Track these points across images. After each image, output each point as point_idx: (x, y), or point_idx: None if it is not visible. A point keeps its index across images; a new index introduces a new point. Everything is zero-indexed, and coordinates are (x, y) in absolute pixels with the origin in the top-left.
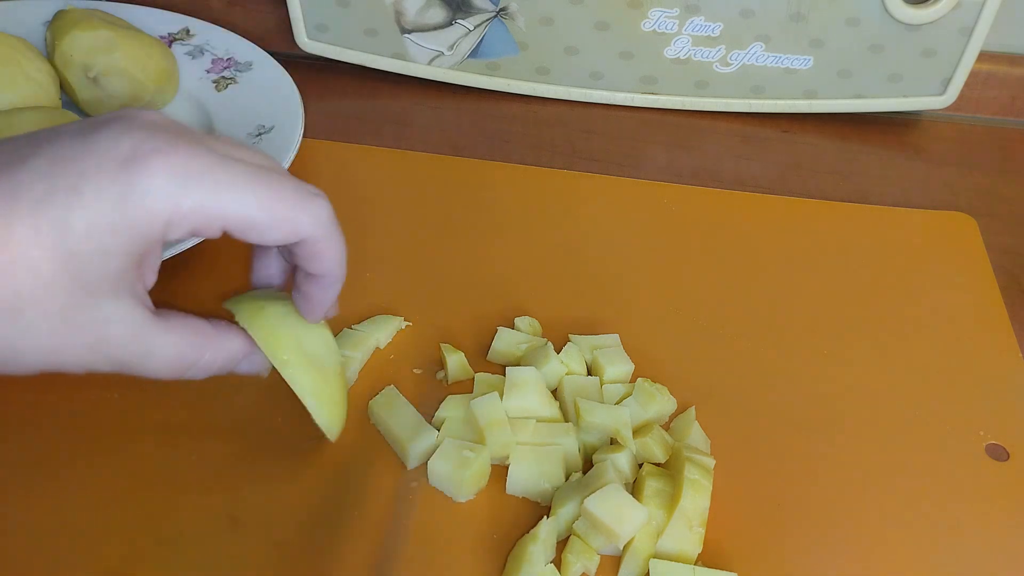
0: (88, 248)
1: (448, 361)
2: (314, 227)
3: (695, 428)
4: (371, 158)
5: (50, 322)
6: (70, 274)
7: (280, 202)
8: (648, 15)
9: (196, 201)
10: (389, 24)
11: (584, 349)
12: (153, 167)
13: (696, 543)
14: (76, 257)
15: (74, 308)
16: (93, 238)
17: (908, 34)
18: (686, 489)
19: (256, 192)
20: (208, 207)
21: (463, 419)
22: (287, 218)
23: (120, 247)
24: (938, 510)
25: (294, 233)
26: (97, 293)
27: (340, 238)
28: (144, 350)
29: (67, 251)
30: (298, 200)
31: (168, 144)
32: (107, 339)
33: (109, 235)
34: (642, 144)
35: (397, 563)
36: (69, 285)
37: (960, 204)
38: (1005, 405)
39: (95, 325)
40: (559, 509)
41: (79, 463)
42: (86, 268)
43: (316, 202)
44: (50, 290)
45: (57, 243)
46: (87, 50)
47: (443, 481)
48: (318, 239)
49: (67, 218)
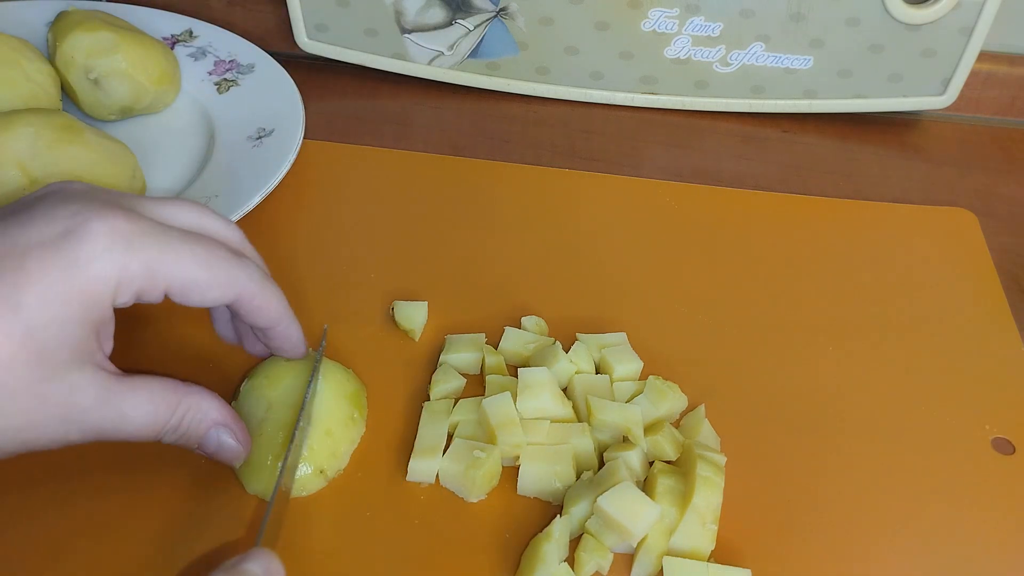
0: (43, 322)
1: (487, 362)
2: (250, 281)
3: (705, 425)
4: (371, 158)
5: (18, 401)
6: (29, 350)
7: (217, 261)
8: (648, 15)
9: (142, 262)
10: (389, 24)
11: (592, 348)
12: (94, 233)
13: (709, 540)
14: (32, 332)
15: (39, 383)
16: (46, 311)
17: (908, 34)
18: (698, 486)
19: (195, 252)
20: (153, 268)
21: (475, 421)
22: (225, 276)
23: (74, 316)
24: (946, 504)
25: (231, 290)
26: (59, 365)
27: (275, 289)
28: (116, 414)
29: (23, 328)
30: (231, 260)
31: (105, 209)
32: (77, 408)
33: (61, 305)
34: (642, 144)
35: (409, 564)
36: (31, 360)
37: (960, 204)
38: (1010, 399)
39: (63, 396)
40: (572, 508)
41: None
42: (44, 341)
43: (245, 261)
44: (13, 370)
45: (12, 322)
46: (88, 52)
47: (454, 482)
48: (254, 294)
49: (17, 296)
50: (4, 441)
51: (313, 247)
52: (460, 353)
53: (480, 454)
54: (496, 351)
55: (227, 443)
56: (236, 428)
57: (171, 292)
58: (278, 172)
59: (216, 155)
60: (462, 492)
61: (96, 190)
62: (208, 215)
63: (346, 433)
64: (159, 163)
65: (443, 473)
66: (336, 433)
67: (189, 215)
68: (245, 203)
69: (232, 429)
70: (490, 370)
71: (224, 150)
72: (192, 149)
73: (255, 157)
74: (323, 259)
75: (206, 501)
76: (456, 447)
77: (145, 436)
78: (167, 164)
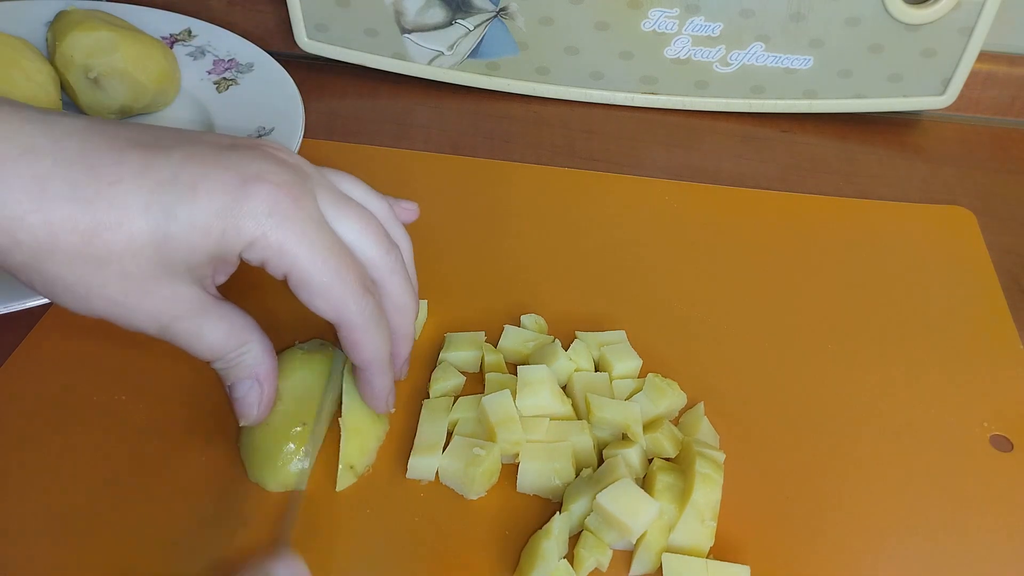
0: (181, 237)
1: (486, 359)
2: (356, 316)
3: (704, 423)
4: (371, 157)
5: (125, 282)
6: (158, 252)
7: (340, 280)
8: (648, 15)
9: (279, 239)
10: (389, 24)
11: (591, 346)
12: (260, 196)
13: (708, 537)
14: (168, 241)
15: (150, 279)
16: (188, 232)
17: (908, 34)
18: (697, 483)
19: (328, 261)
20: (286, 249)
21: (475, 419)
22: (338, 297)
23: (205, 248)
24: (944, 500)
25: (335, 312)
26: (173, 274)
27: (380, 335)
28: (196, 329)
29: (163, 233)
30: (355, 288)
31: (283, 177)
32: (169, 313)
33: (201, 235)
34: (642, 144)
35: (409, 561)
36: (153, 259)
37: (960, 204)
38: (1008, 396)
39: (161, 298)
40: (571, 505)
41: (86, 464)
42: (172, 252)
43: (369, 299)
44: (137, 258)
45: (159, 224)
46: (88, 51)
47: (453, 479)
48: (355, 327)
49: (175, 207)
50: (96, 304)
51: None
52: (459, 351)
53: (480, 451)
54: (495, 349)
55: (250, 399)
56: (266, 394)
57: (289, 279)
58: None
59: None
60: (462, 489)
61: (298, 162)
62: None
63: (373, 430)
64: None
65: (443, 470)
66: (364, 430)
67: (352, 224)
68: None
69: (263, 392)
70: (489, 368)
71: None
72: None
73: None
74: None
75: (216, 492)
76: (456, 445)
77: (205, 356)
78: None
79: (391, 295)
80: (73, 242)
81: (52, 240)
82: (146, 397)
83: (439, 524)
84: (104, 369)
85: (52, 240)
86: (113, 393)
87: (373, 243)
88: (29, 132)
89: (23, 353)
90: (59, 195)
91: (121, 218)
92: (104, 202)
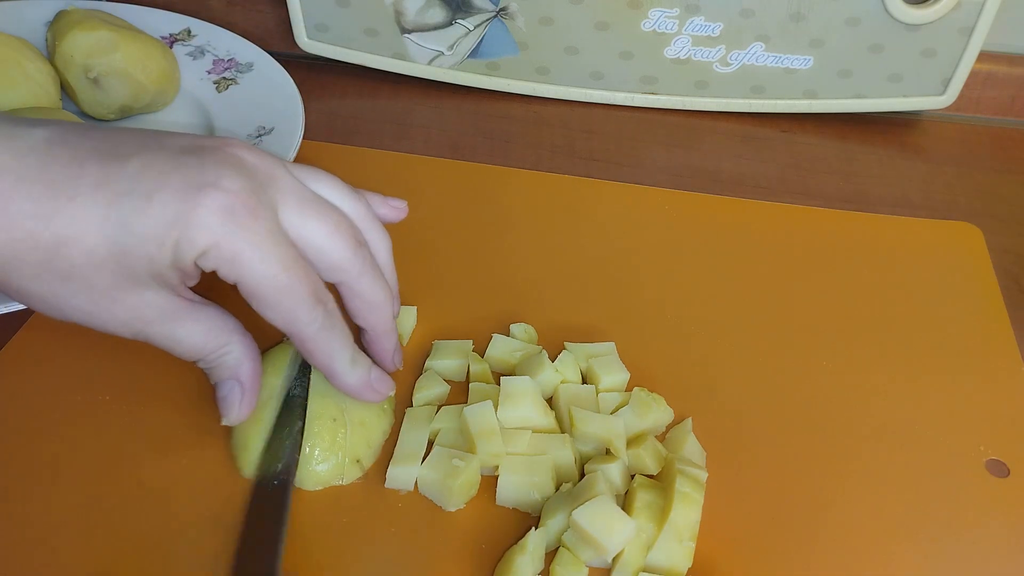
0: (136, 249)
1: (472, 369)
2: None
3: (691, 439)
4: (369, 161)
5: (91, 294)
6: (118, 264)
7: (289, 292)
8: (648, 15)
9: (231, 249)
10: (389, 24)
11: (579, 357)
12: (214, 204)
13: (686, 557)
14: (126, 253)
15: (115, 289)
16: (143, 243)
17: (908, 34)
18: (676, 502)
19: (278, 275)
20: (236, 260)
21: (456, 429)
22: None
23: (162, 258)
24: (937, 527)
25: (284, 323)
26: (138, 283)
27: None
28: (170, 332)
29: (120, 246)
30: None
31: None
32: (140, 319)
33: (156, 246)
34: (642, 144)
35: (383, 571)
36: (115, 270)
37: (960, 204)
38: (1006, 420)
39: (130, 306)
40: (548, 520)
41: (70, 465)
42: (132, 263)
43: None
44: (99, 270)
45: (114, 237)
46: (88, 51)
47: (432, 490)
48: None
49: (130, 219)
50: (71, 315)
51: None
52: (446, 359)
53: (459, 463)
54: (482, 358)
55: (232, 400)
56: (248, 396)
57: (240, 288)
58: None
59: None
60: (440, 501)
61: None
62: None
63: (379, 424)
64: None
65: (422, 481)
66: (370, 424)
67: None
68: None
69: (244, 391)
70: (475, 377)
71: None
72: None
73: None
74: None
75: (200, 492)
76: (436, 455)
77: (185, 357)
78: None
79: (361, 295)
80: (37, 258)
81: (17, 257)
82: (130, 397)
83: (416, 535)
84: (88, 370)
85: (17, 257)
86: (96, 393)
87: (340, 245)
88: None
89: (8, 354)
90: (21, 213)
91: (80, 233)
92: (64, 218)
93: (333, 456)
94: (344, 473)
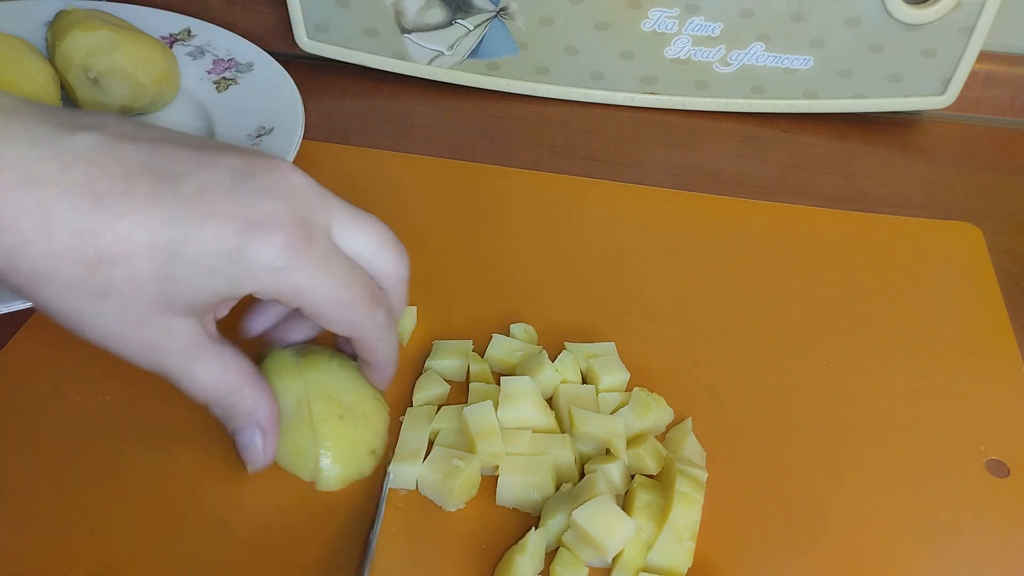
0: (185, 277)
1: (472, 369)
2: (373, 330)
3: (691, 439)
4: (369, 161)
5: (122, 314)
6: (160, 289)
7: (354, 307)
8: (648, 15)
9: (292, 284)
10: (389, 24)
11: (579, 357)
12: (273, 241)
13: (686, 557)
14: (172, 279)
15: (149, 313)
16: (193, 272)
17: (908, 34)
18: (676, 502)
19: (341, 292)
20: (296, 292)
21: (456, 429)
22: (352, 322)
23: (211, 288)
24: (937, 527)
25: (351, 332)
26: (173, 311)
27: (392, 337)
28: (187, 368)
29: (167, 271)
30: (368, 307)
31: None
32: (161, 347)
33: (207, 275)
34: (642, 144)
35: (383, 571)
36: (154, 295)
37: (960, 204)
38: (1006, 421)
39: (156, 331)
40: (548, 520)
41: (70, 465)
42: (176, 290)
43: (379, 311)
44: (137, 293)
45: (164, 261)
46: (88, 51)
47: (432, 490)
48: (371, 339)
49: (183, 245)
50: (90, 333)
51: None
52: (446, 359)
53: (459, 463)
54: (482, 358)
55: (255, 447)
56: (270, 440)
57: (304, 311)
58: None
59: None
60: (440, 501)
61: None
62: (388, 246)
63: (379, 413)
64: None
65: (422, 481)
66: (372, 415)
67: (369, 240)
68: None
69: (268, 437)
70: (475, 377)
71: None
72: None
73: None
74: None
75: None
76: (436, 455)
77: (196, 398)
78: None
79: (394, 300)
80: (74, 273)
81: (52, 270)
82: (130, 397)
83: (415, 535)
84: (88, 370)
85: (52, 270)
86: (96, 393)
87: (389, 254)
88: (35, 157)
89: (8, 354)
90: (63, 225)
91: (125, 253)
92: (109, 235)
93: (350, 453)
94: (363, 466)
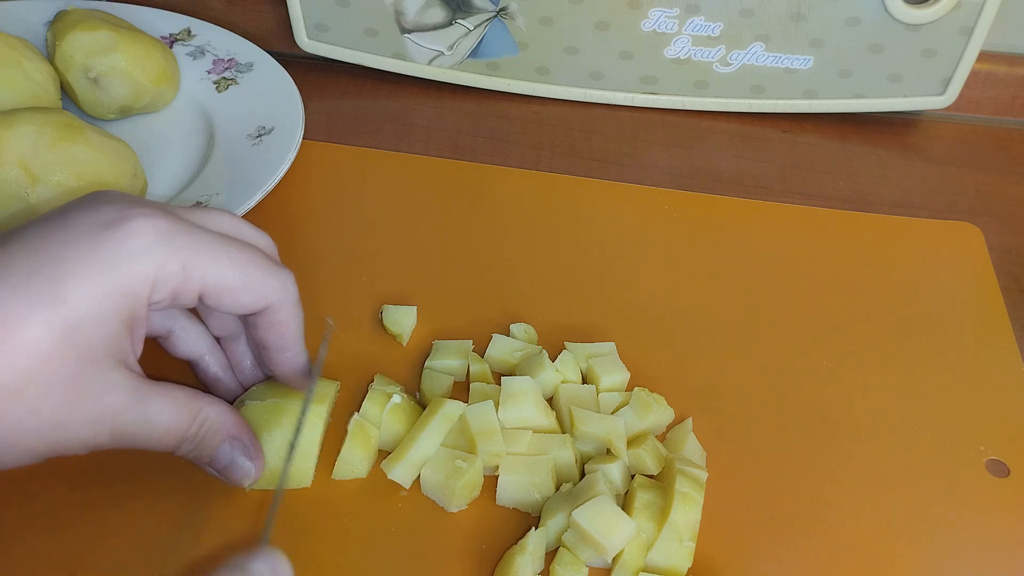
0: (84, 316)
1: (472, 369)
2: (282, 293)
3: (691, 439)
4: (369, 161)
5: (52, 398)
6: (69, 344)
7: (253, 267)
8: (648, 15)
9: (180, 260)
10: (389, 24)
11: (580, 357)
12: (139, 228)
13: (686, 557)
14: (73, 327)
15: (75, 379)
16: (88, 305)
17: (908, 34)
18: (676, 502)
19: (231, 256)
20: (190, 267)
21: (458, 429)
22: (261, 282)
23: (113, 311)
24: (937, 527)
25: (264, 298)
26: (96, 362)
27: (301, 312)
28: (143, 418)
29: (63, 321)
30: (268, 267)
31: (146, 207)
32: (109, 409)
33: (101, 299)
34: (642, 144)
35: (383, 571)
36: (69, 355)
37: (960, 204)
38: (1006, 421)
39: (97, 396)
40: (548, 520)
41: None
42: (84, 336)
43: (284, 272)
44: (51, 364)
45: (53, 315)
46: (88, 51)
47: (435, 490)
48: (283, 306)
49: (59, 288)
50: (35, 442)
51: (307, 247)
52: (446, 359)
53: (462, 464)
54: (482, 359)
55: (239, 460)
56: (250, 444)
57: (205, 295)
58: (279, 169)
59: (216, 153)
60: (442, 501)
61: (139, 197)
62: (243, 224)
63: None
64: (159, 162)
65: (424, 481)
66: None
67: (224, 222)
68: (246, 200)
69: (246, 445)
70: (475, 378)
71: (224, 148)
72: (192, 148)
73: (255, 155)
74: (316, 259)
75: (189, 493)
76: (438, 456)
77: (166, 444)
78: (167, 163)
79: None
80: None
81: None
82: None
83: (416, 535)
84: None
85: None
86: None
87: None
88: None
89: None
90: None
91: (12, 334)
92: None
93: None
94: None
